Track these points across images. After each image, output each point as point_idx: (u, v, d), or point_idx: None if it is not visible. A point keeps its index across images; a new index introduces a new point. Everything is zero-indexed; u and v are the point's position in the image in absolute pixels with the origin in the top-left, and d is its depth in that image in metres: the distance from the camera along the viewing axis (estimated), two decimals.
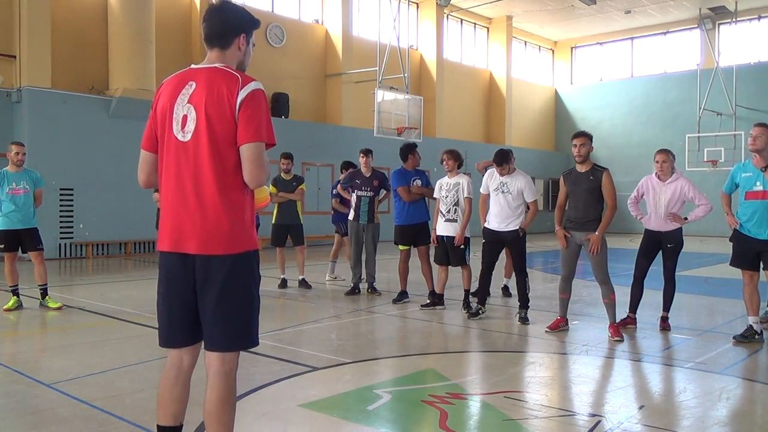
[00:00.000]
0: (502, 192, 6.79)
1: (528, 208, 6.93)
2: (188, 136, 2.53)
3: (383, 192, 8.84)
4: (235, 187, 2.53)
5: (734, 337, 5.88)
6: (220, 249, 2.51)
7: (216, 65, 2.61)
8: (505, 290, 8.64)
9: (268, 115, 2.58)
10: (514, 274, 7.13)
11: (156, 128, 2.64)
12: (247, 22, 2.69)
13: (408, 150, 8.13)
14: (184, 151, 2.54)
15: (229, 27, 2.64)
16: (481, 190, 7.04)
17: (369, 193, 8.60)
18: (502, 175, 6.83)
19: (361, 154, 8.77)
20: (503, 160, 6.80)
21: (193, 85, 2.56)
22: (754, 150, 5.84)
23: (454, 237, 7.27)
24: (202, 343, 2.68)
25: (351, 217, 8.74)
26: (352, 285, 8.74)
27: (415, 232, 7.91)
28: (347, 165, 9.74)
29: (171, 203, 2.57)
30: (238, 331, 2.58)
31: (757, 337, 5.81)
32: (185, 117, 2.54)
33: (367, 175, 8.65)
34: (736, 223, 5.98)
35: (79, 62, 14.58)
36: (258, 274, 2.66)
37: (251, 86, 2.53)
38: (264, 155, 2.55)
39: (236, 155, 2.51)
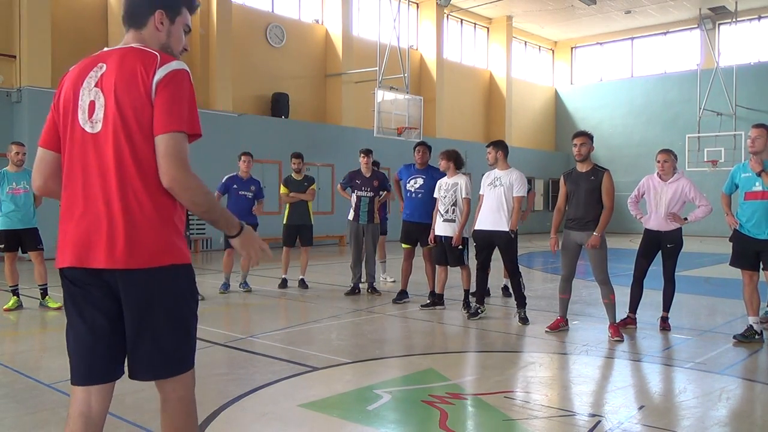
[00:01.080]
0: (495, 186, 6.79)
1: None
2: (97, 126, 2.10)
3: (383, 193, 8.86)
4: (156, 188, 2.08)
5: (735, 337, 5.88)
6: (140, 261, 2.07)
7: (132, 45, 2.21)
8: (505, 290, 8.64)
9: (192, 100, 2.13)
10: None
11: (58, 120, 2.22)
12: None
13: (414, 147, 8.18)
14: (92, 144, 2.11)
15: (141, 2, 2.24)
16: (480, 192, 7.04)
17: (369, 194, 8.62)
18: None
19: (362, 154, 8.79)
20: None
21: (103, 67, 2.15)
22: (753, 152, 5.82)
23: (452, 237, 7.27)
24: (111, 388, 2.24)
25: (351, 217, 8.77)
26: (351, 285, 8.75)
27: (419, 231, 7.89)
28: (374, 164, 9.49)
29: (74, 207, 2.13)
30: (167, 355, 2.16)
31: (757, 337, 5.81)
32: (92, 103, 2.12)
33: (367, 175, 8.68)
34: (735, 223, 5.98)
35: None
36: (194, 292, 2.28)
37: (172, 65, 2.10)
38: (185, 148, 2.08)
39: (145, 150, 2.10)
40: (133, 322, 2.12)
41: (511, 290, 7.29)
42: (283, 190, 9.18)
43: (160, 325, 2.14)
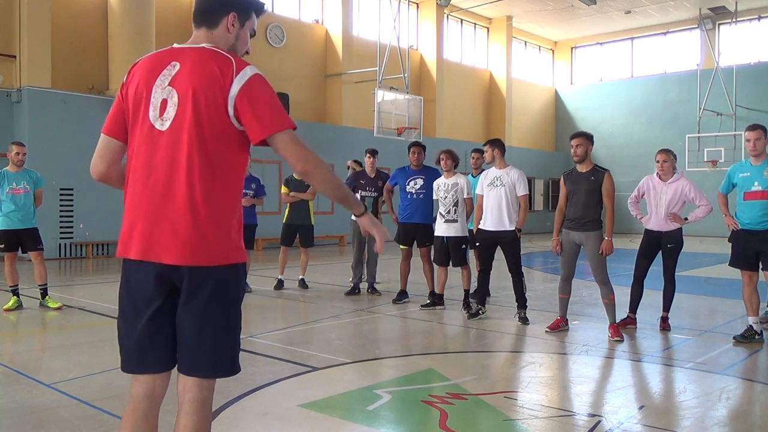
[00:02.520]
0: (496, 186, 6.78)
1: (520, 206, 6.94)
2: (167, 125, 2.14)
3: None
4: (221, 189, 2.16)
5: (734, 338, 5.87)
6: (206, 260, 2.12)
7: (204, 45, 2.24)
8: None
9: (277, 99, 2.23)
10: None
11: (127, 112, 2.24)
12: (239, 1, 2.33)
13: (409, 148, 8.17)
14: (161, 141, 2.15)
15: (217, 2, 2.30)
16: (477, 191, 7.03)
17: (373, 194, 8.68)
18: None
19: (367, 155, 8.85)
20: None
21: (177, 66, 2.18)
22: (755, 155, 5.78)
23: (454, 237, 7.27)
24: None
25: (353, 217, 8.72)
26: (351, 285, 8.76)
27: (416, 231, 7.90)
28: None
29: (143, 202, 2.16)
30: (225, 354, 2.23)
31: (757, 337, 5.81)
32: (164, 102, 2.15)
33: (372, 175, 8.74)
34: (735, 224, 5.94)
35: (78, 62, 14.59)
36: (244, 292, 2.34)
37: (249, 71, 2.17)
38: (296, 135, 2.19)
39: (225, 152, 2.16)
40: (195, 319, 2.15)
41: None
42: (283, 189, 9.16)
43: (223, 323, 2.18)
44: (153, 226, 2.13)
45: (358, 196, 8.59)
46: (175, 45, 2.28)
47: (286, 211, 9.25)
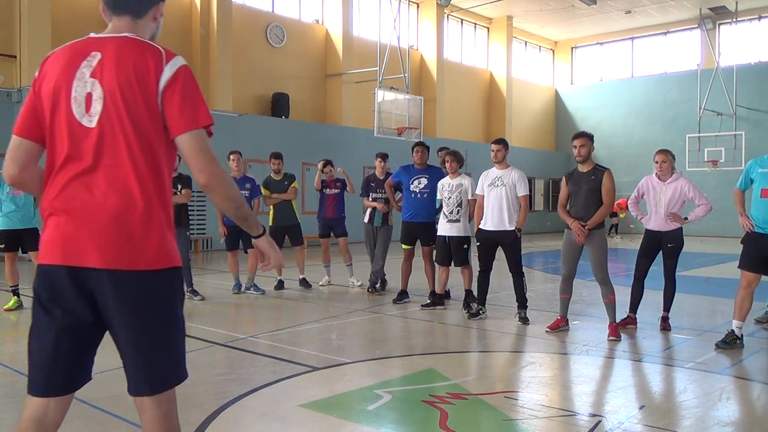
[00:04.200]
0: (497, 186, 6.78)
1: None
2: (95, 120, 1.98)
3: (398, 194, 8.92)
4: (161, 186, 2.03)
5: (716, 344, 5.68)
6: (141, 263, 1.95)
7: (126, 34, 2.07)
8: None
9: (200, 93, 2.12)
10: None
11: (42, 110, 2.04)
12: None
13: (412, 148, 8.18)
14: (88, 138, 1.98)
15: None
16: (477, 191, 7.03)
17: (384, 196, 8.75)
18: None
19: (378, 159, 8.99)
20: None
21: (98, 56, 2.00)
22: None
23: (456, 237, 7.28)
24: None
25: (366, 219, 8.95)
26: (369, 282, 8.90)
27: (419, 230, 7.90)
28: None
29: (69, 202, 1.97)
30: (167, 367, 2.03)
31: (738, 342, 5.65)
32: (89, 95, 1.98)
33: (382, 178, 8.86)
34: (751, 225, 5.68)
35: None
36: (183, 295, 2.16)
37: (178, 61, 2.04)
38: (209, 143, 2.05)
39: (160, 147, 2.03)
40: (128, 332, 1.97)
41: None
42: (264, 192, 9.05)
43: (160, 333, 2.01)
44: (80, 228, 1.95)
45: (369, 198, 8.74)
46: (92, 35, 2.09)
47: (270, 214, 9.20)
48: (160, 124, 2.02)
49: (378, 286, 8.82)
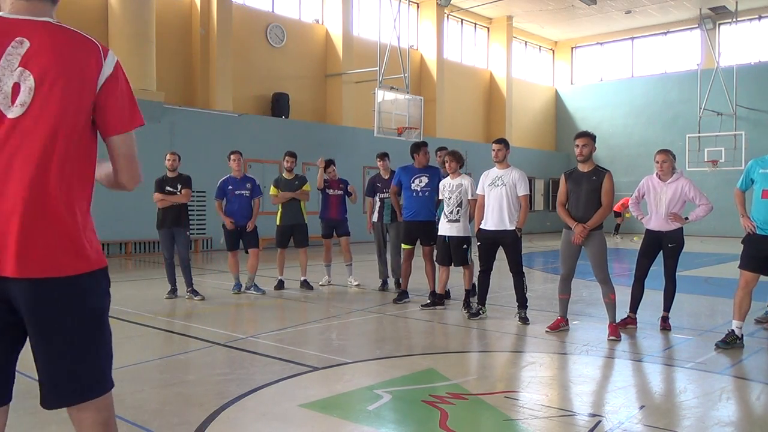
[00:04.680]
0: (497, 186, 6.78)
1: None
2: (20, 111, 1.84)
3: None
4: (85, 184, 1.94)
5: (716, 344, 5.68)
6: (67, 268, 1.86)
7: (48, 20, 1.95)
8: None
9: (132, 92, 2.04)
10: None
11: None
12: None
13: (414, 148, 8.20)
14: (13, 131, 1.83)
15: None
16: (477, 191, 7.04)
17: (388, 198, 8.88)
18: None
19: (378, 158, 9.12)
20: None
21: (26, 43, 1.87)
22: None
23: (456, 237, 7.28)
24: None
25: (375, 218, 9.08)
26: (380, 281, 9.08)
27: (419, 229, 7.90)
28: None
29: None
30: (94, 374, 1.96)
31: (738, 342, 5.66)
32: (17, 86, 1.84)
33: (386, 177, 8.95)
34: (752, 226, 5.64)
35: None
36: (110, 299, 2.07)
37: (113, 56, 1.97)
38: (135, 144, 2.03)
39: (90, 143, 1.95)
40: (49, 340, 1.88)
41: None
42: (273, 191, 9.08)
43: (82, 341, 1.91)
44: None
45: (377, 198, 8.93)
46: (7, 15, 1.92)
47: (279, 213, 9.21)
48: (90, 120, 1.95)
49: (395, 281, 8.91)
